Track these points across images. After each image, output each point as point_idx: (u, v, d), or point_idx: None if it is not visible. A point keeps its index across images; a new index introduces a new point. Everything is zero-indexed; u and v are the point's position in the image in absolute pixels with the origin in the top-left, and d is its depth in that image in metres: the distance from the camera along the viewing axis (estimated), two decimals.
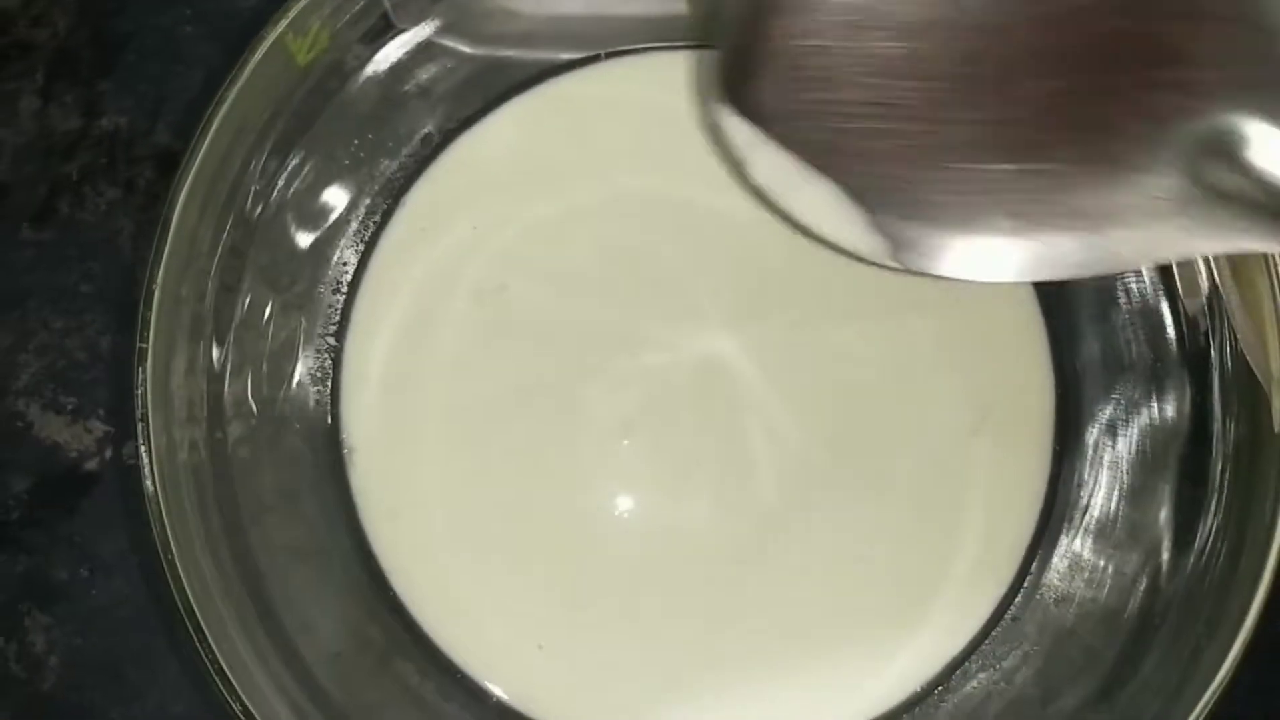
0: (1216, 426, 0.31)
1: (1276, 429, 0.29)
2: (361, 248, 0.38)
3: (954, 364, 0.37)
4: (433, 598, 0.36)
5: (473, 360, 0.37)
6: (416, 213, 0.38)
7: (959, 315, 0.36)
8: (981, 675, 0.35)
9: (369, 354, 0.37)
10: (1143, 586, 0.33)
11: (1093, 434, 0.36)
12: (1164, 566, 0.32)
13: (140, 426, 0.29)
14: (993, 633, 0.35)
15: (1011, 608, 0.36)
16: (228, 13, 0.42)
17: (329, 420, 0.37)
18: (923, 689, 0.35)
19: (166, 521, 0.29)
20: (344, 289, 0.38)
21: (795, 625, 0.36)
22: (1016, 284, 0.34)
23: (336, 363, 0.38)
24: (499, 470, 0.37)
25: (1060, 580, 0.36)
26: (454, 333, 0.37)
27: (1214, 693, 0.28)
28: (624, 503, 0.37)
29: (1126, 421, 0.35)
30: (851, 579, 0.36)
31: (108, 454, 0.40)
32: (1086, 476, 0.36)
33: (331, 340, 0.37)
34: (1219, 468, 0.31)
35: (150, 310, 0.29)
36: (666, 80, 0.38)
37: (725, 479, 0.36)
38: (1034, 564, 0.36)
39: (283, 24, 0.30)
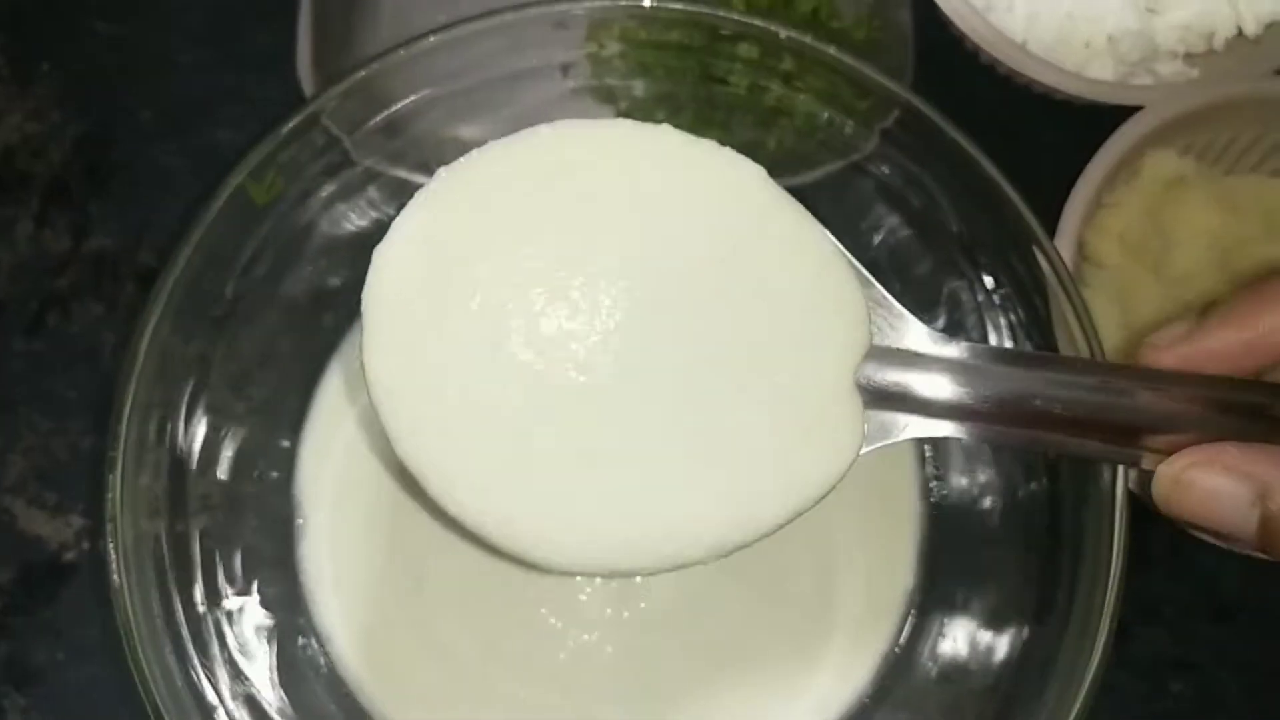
0: (1065, 499, 0.35)
1: (1107, 493, 0.32)
2: (319, 356, 0.42)
3: None
4: (375, 671, 0.39)
5: None
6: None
7: None
8: None
9: (325, 451, 0.41)
10: (1007, 644, 0.36)
11: (957, 515, 0.40)
12: (1026, 628, 0.36)
13: (109, 527, 0.33)
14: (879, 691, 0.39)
15: (891, 673, 0.39)
16: (209, 147, 0.47)
17: (286, 512, 0.41)
18: None
19: (130, 612, 0.32)
20: (302, 393, 0.42)
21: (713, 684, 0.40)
22: None
23: (293, 460, 0.41)
24: (435, 565, 0.40)
25: (935, 647, 0.39)
26: None
27: None
28: (559, 586, 0.40)
29: (988, 499, 0.39)
30: (749, 651, 0.40)
31: (85, 545, 0.44)
32: (952, 555, 0.40)
33: (286, 443, 0.41)
34: (1066, 534, 0.35)
35: (120, 424, 0.33)
36: None
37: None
38: (907, 634, 0.40)
39: (243, 173, 0.34)
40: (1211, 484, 0.25)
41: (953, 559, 0.40)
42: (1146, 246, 0.41)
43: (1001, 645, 0.37)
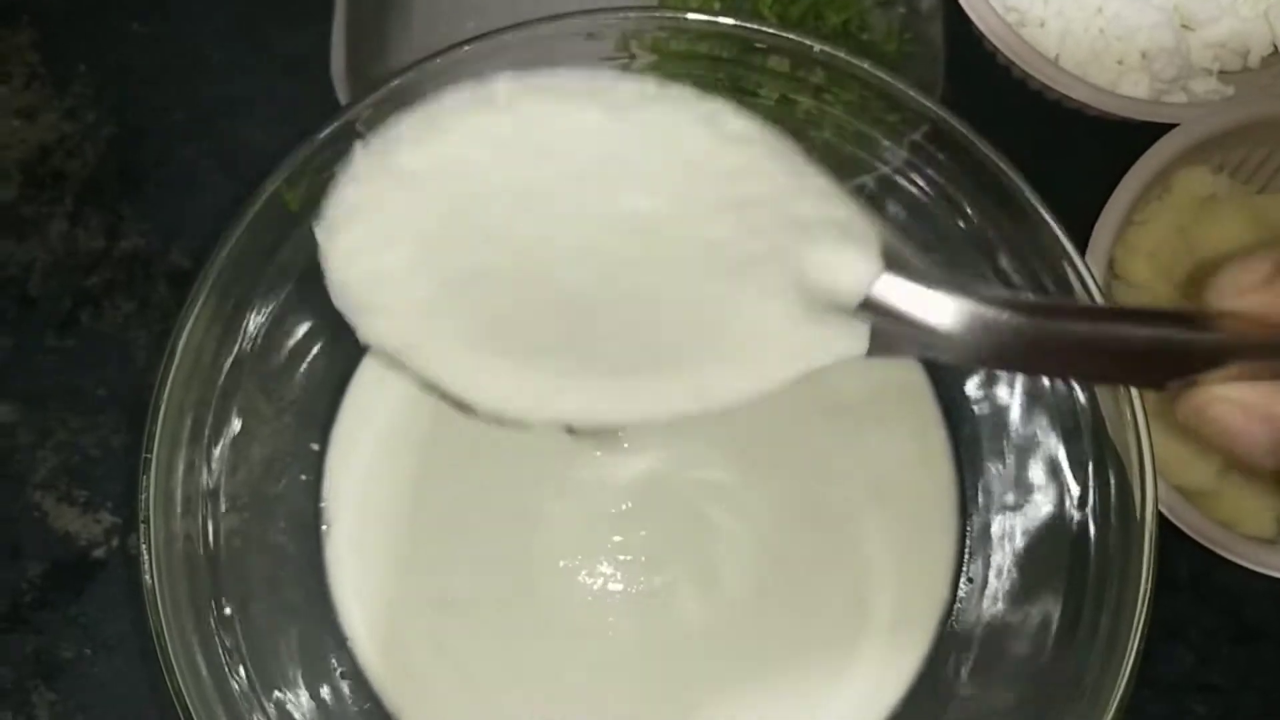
0: (1094, 520, 0.35)
1: (1137, 515, 0.32)
2: (349, 359, 0.43)
3: (867, 467, 0.41)
4: (399, 680, 0.40)
5: (444, 462, 0.41)
6: None
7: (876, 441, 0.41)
8: None
9: (351, 455, 0.42)
10: (1033, 663, 0.36)
11: (991, 535, 0.40)
12: (1054, 643, 0.36)
13: (143, 528, 0.33)
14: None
15: (916, 688, 0.39)
16: (239, 148, 0.47)
17: (313, 514, 0.41)
18: None
19: (161, 612, 0.33)
20: (332, 397, 0.42)
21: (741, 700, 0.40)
22: (924, 407, 0.40)
23: (321, 462, 0.42)
24: (458, 559, 0.40)
25: (960, 663, 0.39)
26: (428, 437, 0.42)
27: None
28: (583, 593, 0.40)
29: (1019, 517, 0.39)
30: (778, 671, 0.39)
31: (114, 542, 0.44)
32: (984, 574, 0.40)
33: (315, 446, 0.42)
34: (1095, 555, 0.35)
35: (156, 425, 0.33)
36: None
37: (659, 573, 0.40)
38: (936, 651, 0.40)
39: (278, 180, 0.35)
40: (1229, 422, 0.25)
41: (983, 576, 0.40)
42: (1177, 264, 0.41)
43: (1027, 664, 0.37)
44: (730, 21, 0.37)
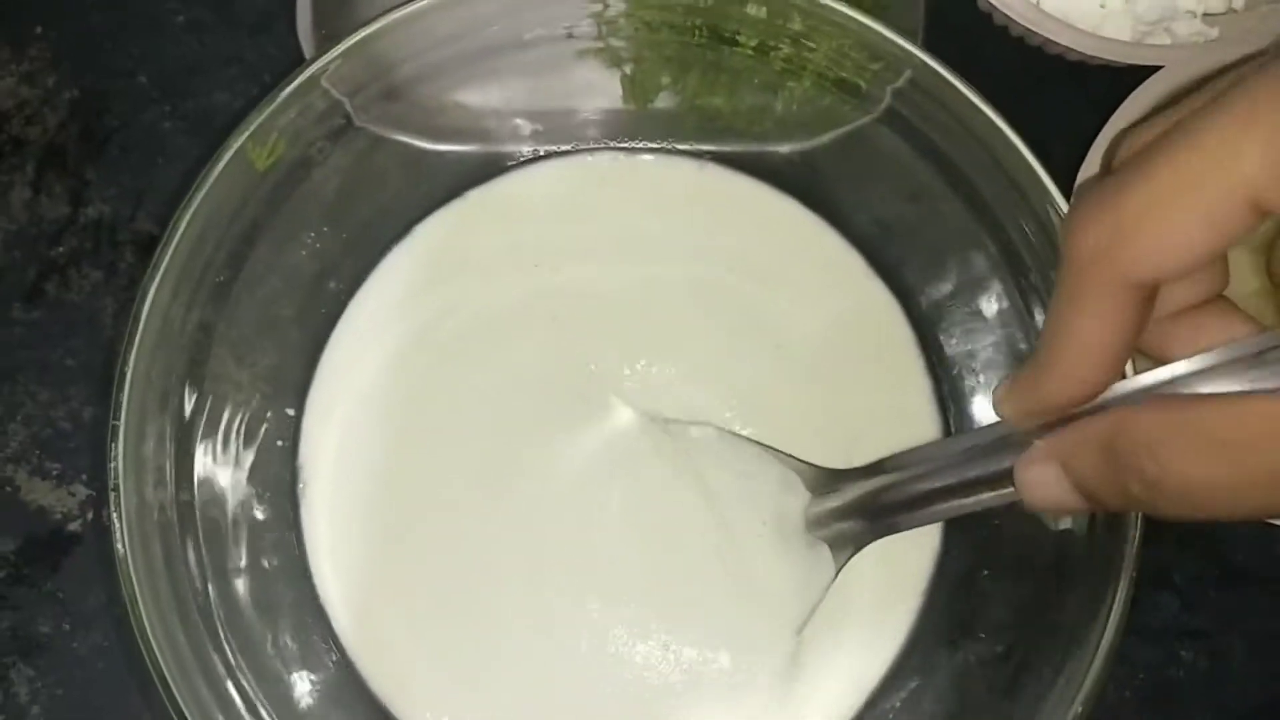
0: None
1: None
2: (324, 323, 0.42)
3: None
4: (372, 647, 0.39)
5: (419, 430, 0.40)
6: (374, 296, 0.41)
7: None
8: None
9: (327, 420, 0.41)
10: (1020, 612, 0.37)
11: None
12: (1042, 593, 0.36)
13: (113, 496, 0.32)
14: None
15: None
16: (205, 110, 0.46)
17: (290, 481, 0.41)
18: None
19: (135, 582, 0.32)
20: (307, 361, 0.42)
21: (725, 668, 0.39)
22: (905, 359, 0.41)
23: (297, 428, 0.41)
24: (433, 527, 0.40)
25: (948, 614, 0.39)
26: (404, 404, 0.41)
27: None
28: (560, 564, 0.40)
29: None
30: (768, 625, 0.39)
31: (89, 515, 0.44)
32: (971, 528, 0.40)
33: (290, 411, 0.41)
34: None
35: (123, 392, 0.32)
36: (601, 177, 0.42)
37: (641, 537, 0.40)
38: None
39: (243, 136, 0.34)
40: (1030, 476, 0.27)
41: (969, 530, 0.40)
42: None
43: (1015, 615, 0.36)
44: None
